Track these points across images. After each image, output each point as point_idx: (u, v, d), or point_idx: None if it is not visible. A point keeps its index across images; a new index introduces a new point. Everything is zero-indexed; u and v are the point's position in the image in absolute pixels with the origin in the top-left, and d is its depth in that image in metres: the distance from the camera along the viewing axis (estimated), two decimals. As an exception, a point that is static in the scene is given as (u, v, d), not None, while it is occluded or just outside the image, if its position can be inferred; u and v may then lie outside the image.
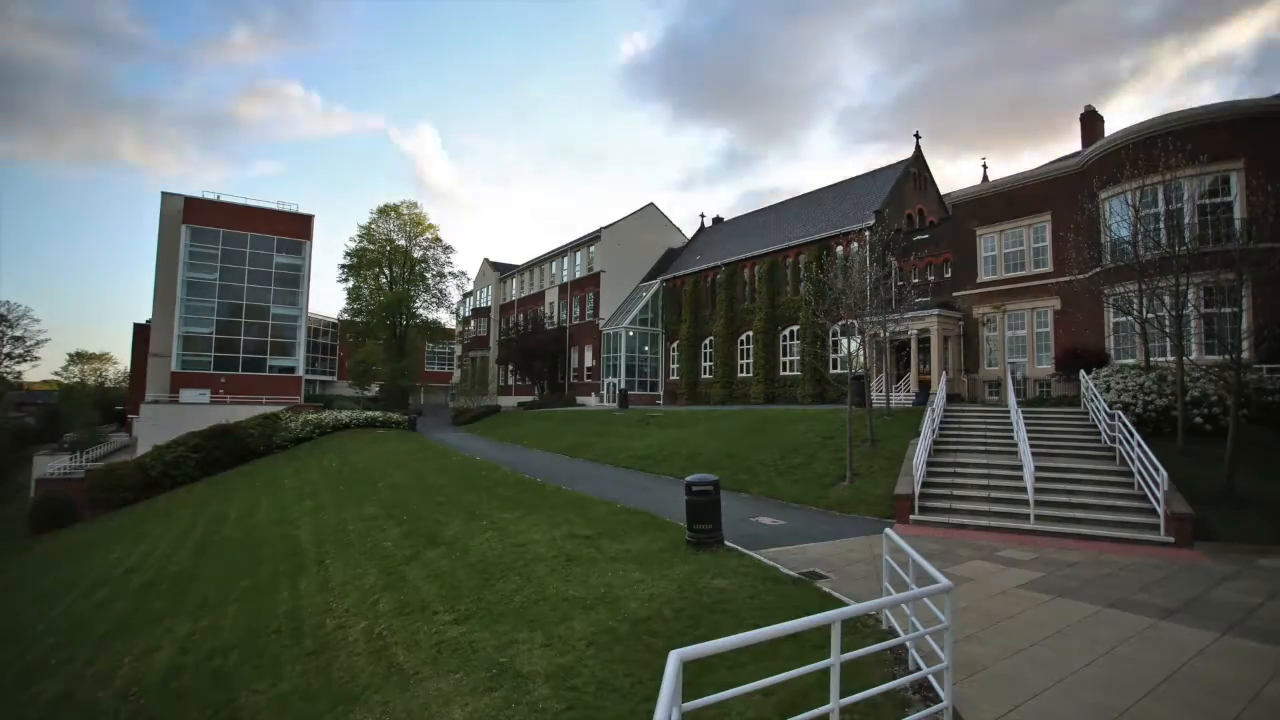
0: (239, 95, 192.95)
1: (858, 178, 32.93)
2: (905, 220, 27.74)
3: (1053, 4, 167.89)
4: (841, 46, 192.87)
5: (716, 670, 5.23)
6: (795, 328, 29.46)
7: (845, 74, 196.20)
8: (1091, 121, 22.41)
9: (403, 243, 50.46)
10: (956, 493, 12.27)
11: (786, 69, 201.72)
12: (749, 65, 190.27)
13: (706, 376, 34.98)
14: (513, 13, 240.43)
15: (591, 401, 39.31)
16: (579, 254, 44.44)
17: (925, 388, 22.56)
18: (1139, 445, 11.00)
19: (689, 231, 45.66)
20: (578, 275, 44.07)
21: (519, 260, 54.91)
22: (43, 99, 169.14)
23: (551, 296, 47.02)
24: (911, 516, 11.64)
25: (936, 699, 4.50)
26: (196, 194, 43.54)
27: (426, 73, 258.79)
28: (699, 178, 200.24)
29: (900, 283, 24.38)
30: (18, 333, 56.51)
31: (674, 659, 2.87)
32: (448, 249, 52.24)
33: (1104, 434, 13.35)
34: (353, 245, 50.08)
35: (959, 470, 13.12)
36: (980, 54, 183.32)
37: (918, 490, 12.03)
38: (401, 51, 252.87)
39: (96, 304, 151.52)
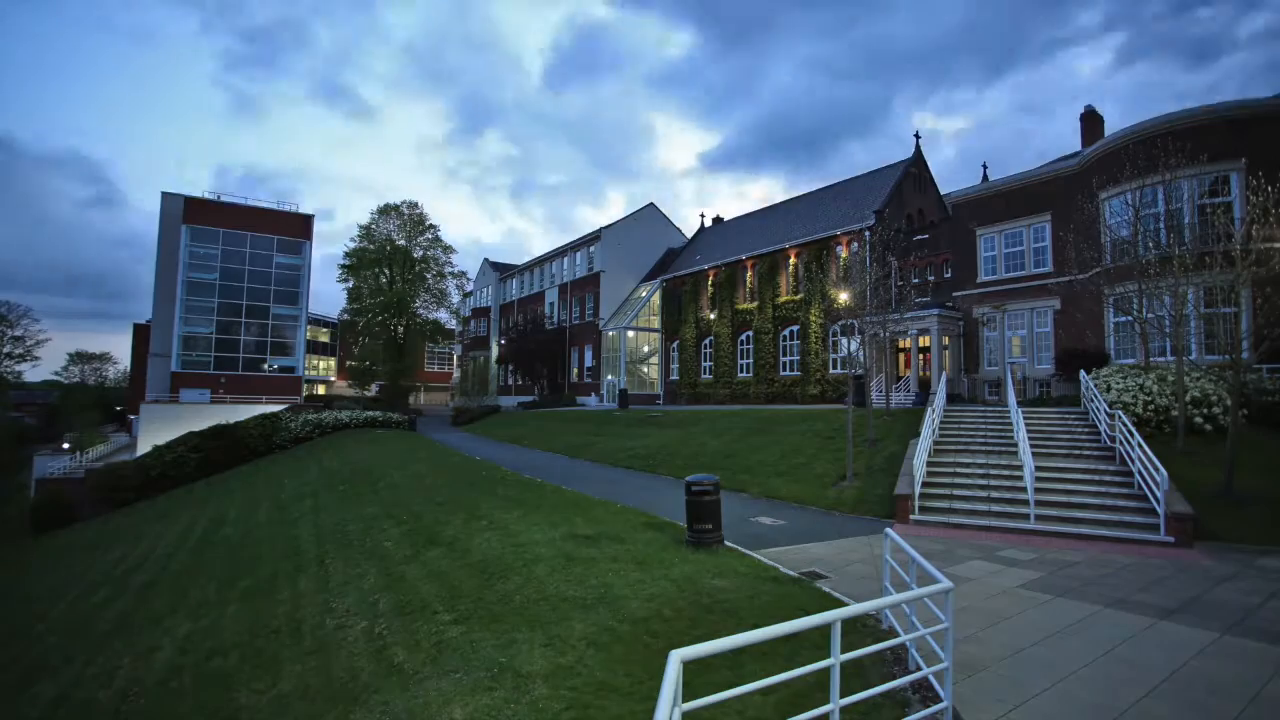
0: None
1: (858, 178, 32.94)
2: (905, 220, 27.74)
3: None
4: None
5: (716, 670, 5.23)
6: (795, 328, 29.48)
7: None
8: (1091, 121, 22.42)
9: (403, 243, 50.48)
10: (956, 493, 12.28)
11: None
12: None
13: (706, 377, 34.99)
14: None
15: (592, 401, 39.32)
16: (579, 254, 44.45)
17: (925, 388, 22.57)
18: (1139, 445, 11.01)
19: (689, 231, 45.69)
20: (578, 275, 44.08)
21: (519, 260, 54.98)
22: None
23: (551, 296, 47.02)
24: (911, 516, 11.65)
25: (936, 699, 4.50)
26: (196, 194, 43.62)
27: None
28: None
29: (900, 283, 24.37)
30: (18, 332, 56.57)
31: (674, 659, 2.87)
32: (448, 249, 52.25)
33: (1104, 434, 13.35)
34: (352, 245, 50.12)
35: (959, 470, 13.12)
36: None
37: (918, 490, 12.04)
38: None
39: (97, 304, 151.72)
